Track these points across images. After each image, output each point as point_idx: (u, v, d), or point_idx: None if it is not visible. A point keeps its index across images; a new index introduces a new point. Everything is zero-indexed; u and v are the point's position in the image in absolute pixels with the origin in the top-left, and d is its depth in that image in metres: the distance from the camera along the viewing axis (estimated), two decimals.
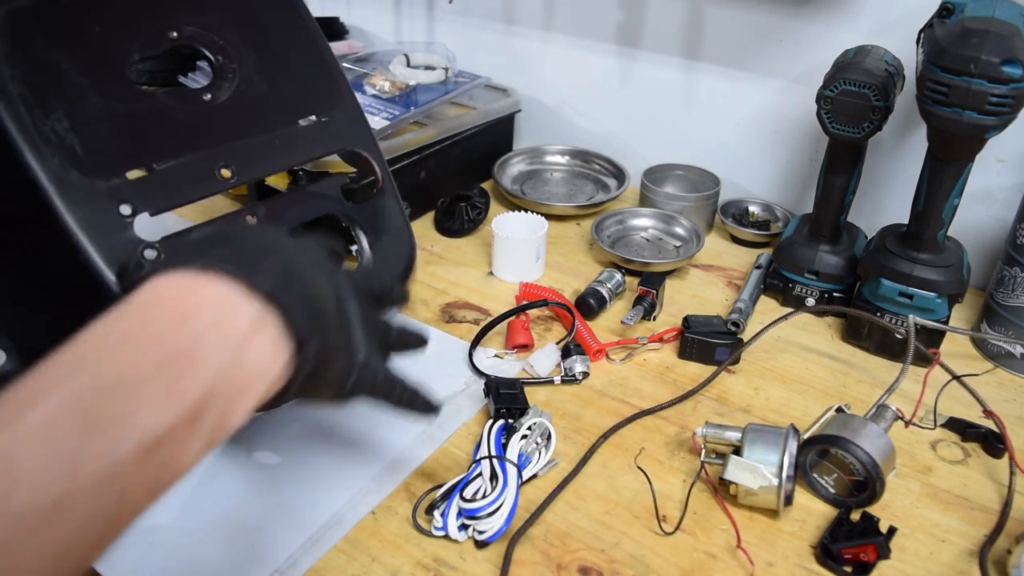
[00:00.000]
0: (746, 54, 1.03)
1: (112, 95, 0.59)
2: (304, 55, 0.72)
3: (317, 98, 0.70)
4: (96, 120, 0.58)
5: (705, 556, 0.60)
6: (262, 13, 0.70)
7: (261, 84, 0.68)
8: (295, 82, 0.70)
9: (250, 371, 0.35)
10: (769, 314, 0.88)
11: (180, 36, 0.64)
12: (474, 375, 0.79)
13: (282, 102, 0.69)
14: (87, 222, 0.54)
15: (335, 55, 0.75)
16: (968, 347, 0.87)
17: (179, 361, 0.33)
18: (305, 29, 0.73)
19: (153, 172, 0.59)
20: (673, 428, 0.73)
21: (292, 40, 0.71)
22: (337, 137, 0.70)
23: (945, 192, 0.76)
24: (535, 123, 1.27)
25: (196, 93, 0.64)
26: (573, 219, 1.10)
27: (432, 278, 0.96)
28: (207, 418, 0.33)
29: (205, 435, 0.34)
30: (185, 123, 0.62)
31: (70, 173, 0.54)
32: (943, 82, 0.68)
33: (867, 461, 0.62)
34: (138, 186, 0.58)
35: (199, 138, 0.62)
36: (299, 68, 0.71)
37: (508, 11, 1.21)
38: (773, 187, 1.10)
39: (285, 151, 0.67)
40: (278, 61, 0.70)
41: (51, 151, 0.54)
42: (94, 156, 0.56)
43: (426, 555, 0.60)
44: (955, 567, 0.60)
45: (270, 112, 0.68)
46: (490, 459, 0.64)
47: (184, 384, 0.33)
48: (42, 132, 0.54)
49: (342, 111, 0.72)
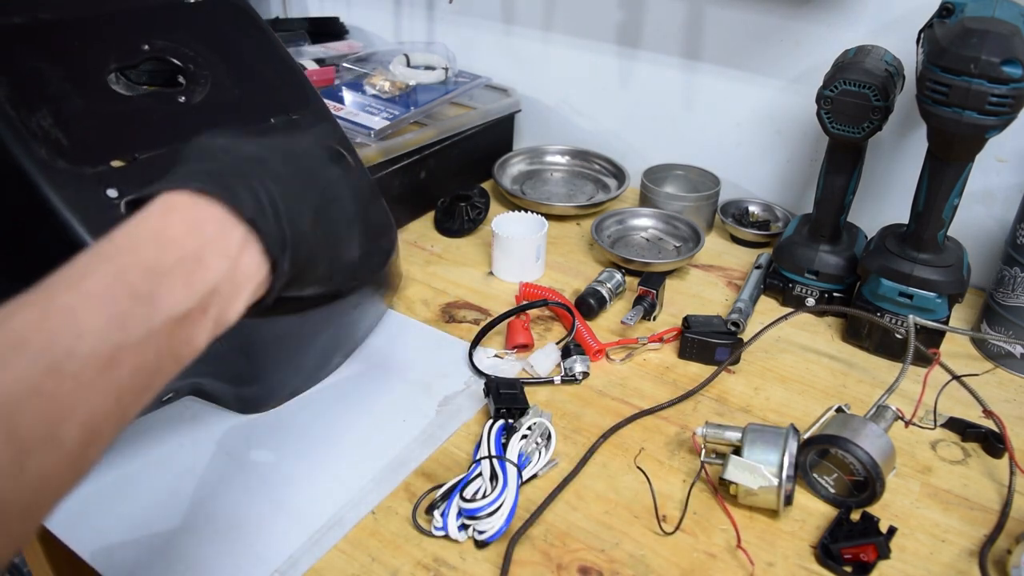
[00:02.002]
0: (746, 54, 1.03)
1: (92, 98, 0.64)
2: (270, 64, 0.79)
3: (286, 99, 0.77)
4: (79, 118, 0.62)
5: (705, 556, 0.60)
6: (227, 30, 0.77)
7: (232, 88, 0.74)
8: (264, 86, 0.77)
9: (242, 276, 0.43)
10: (769, 314, 0.88)
11: (152, 49, 0.70)
12: (474, 375, 0.79)
13: (253, 103, 0.75)
14: (75, 203, 0.57)
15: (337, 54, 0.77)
16: (968, 347, 0.87)
17: (191, 261, 0.40)
18: (268, 43, 0.80)
19: (136, 160, 0.63)
20: (673, 428, 0.73)
21: (257, 52, 0.79)
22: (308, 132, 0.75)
23: (945, 192, 0.76)
24: (535, 123, 1.27)
25: (172, 96, 0.70)
26: (573, 219, 1.10)
27: (432, 278, 0.96)
28: (212, 310, 0.41)
29: (211, 323, 0.41)
30: (164, 121, 0.68)
31: (56, 161, 0.58)
32: (943, 82, 0.68)
33: (867, 461, 0.62)
34: (123, 173, 0.62)
35: (178, 133, 0.67)
36: (267, 75, 0.78)
37: (508, 11, 1.21)
38: (773, 187, 1.10)
39: None
40: (246, 69, 0.76)
41: (37, 143, 0.58)
42: (79, 148, 0.60)
43: (426, 555, 0.60)
44: (955, 567, 0.60)
45: (243, 111, 0.74)
46: (490, 459, 0.64)
47: (196, 279, 0.40)
48: (28, 126, 0.58)
49: (310, 110, 0.78)
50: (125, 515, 0.62)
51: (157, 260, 0.39)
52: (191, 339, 0.40)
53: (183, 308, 0.39)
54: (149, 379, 0.38)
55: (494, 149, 1.20)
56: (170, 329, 0.38)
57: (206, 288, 0.40)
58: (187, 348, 0.40)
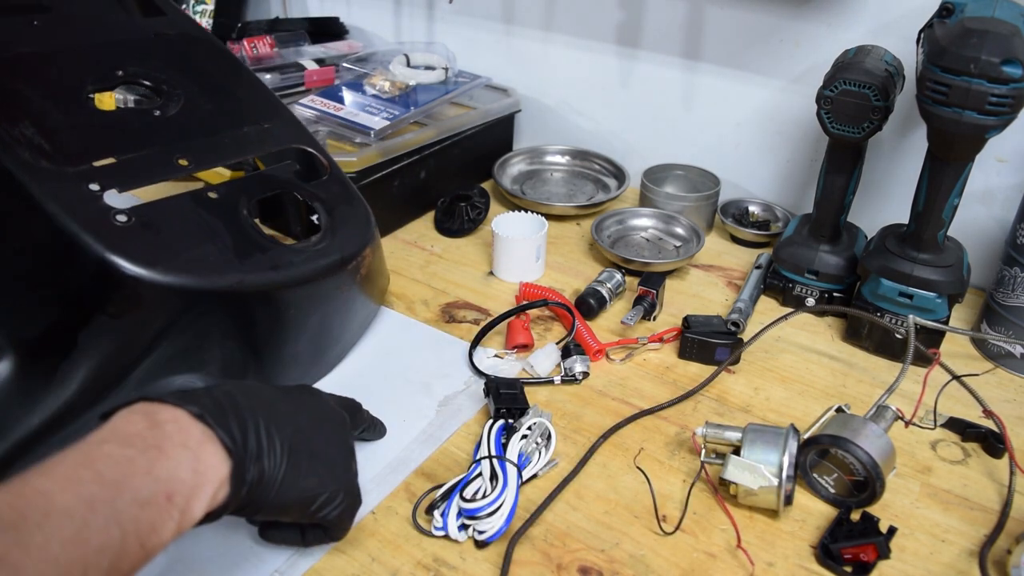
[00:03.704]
0: (746, 54, 1.03)
1: (71, 112, 0.69)
2: (239, 82, 0.85)
3: (256, 111, 0.82)
4: (60, 129, 0.66)
5: (705, 556, 0.60)
6: (196, 57, 0.84)
7: (205, 104, 0.79)
8: (234, 100, 0.82)
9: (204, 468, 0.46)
10: (769, 314, 0.88)
11: (126, 73, 0.76)
12: (474, 375, 0.79)
13: (226, 115, 0.79)
14: (57, 195, 0.60)
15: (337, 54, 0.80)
16: (968, 347, 0.87)
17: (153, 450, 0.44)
18: (236, 66, 0.86)
19: (117, 162, 0.66)
20: (673, 428, 0.73)
21: (226, 74, 0.85)
22: (280, 139, 0.80)
23: (945, 192, 0.76)
24: (535, 123, 1.27)
25: (147, 111, 0.74)
26: (573, 219, 1.10)
27: (432, 278, 0.96)
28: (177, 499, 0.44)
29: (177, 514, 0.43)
30: (141, 130, 0.72)
31: (40, 162, 0.62)
32: (943, 82, 0.68)
33: (867, 461, 0.62)
34: (104, 171, 0.65)
35: (155, 139, 0.72)
36: (236, 92, 0.83)
37: (508, 11, 1.21)
38: (773, 187, 1.10)
39: (235, 147, 0.77)
40: (217, 87, 0.82)
41: (21, 148, 0.61)
42: (60, 152, 0.64)
43: (426, 555, 0.60)
44: (955, 567, 0.60)
45: (216, 122, 0.78)
46: (490, 459, 0.64)
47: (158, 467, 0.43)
48: (11, 134, 0.62)
49: (280, 120, 0.82)
50: None
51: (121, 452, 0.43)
52: (157, 527, 0.42)
53: (147, 493, 0.42)
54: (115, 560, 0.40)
55: (494, 149, 1.20)
56: (135, 514, 0.41)
57: (168, 475, 0.43)
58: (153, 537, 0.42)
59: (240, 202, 0.71)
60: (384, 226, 1.05)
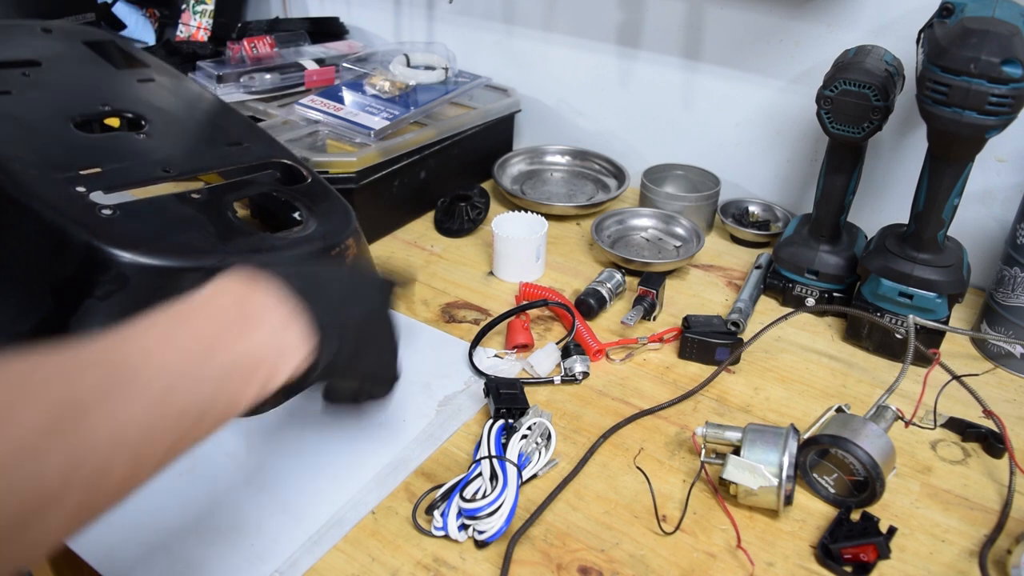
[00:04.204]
0: (746, 54, 1.03)
1: (57, 139, 0.73)
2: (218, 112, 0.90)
3: (234, 133, 0.86)
4: (45, 149, 0.70)
5: (705, 556, 0.60)
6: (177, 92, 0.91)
7: (187, 128, 0.84)
8: (212, 126, 0.88)
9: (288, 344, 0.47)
10: (769, 314, 0.88)
11: (111, 108, 0.81)
12: (474, 375, 0.79)
13: (207, 137, 0.85)
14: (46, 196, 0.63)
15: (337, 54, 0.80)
16: (968, 347, 0.87)
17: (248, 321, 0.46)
18: (208, 100, 0.92)
19: (103, 170, 0.70)
20: (673, 428, 0.73)
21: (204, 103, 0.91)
22: (259, 154, 0.84)
23: (945, 192, 0.76)
24: (535, 123, 1.27)
25: (129, 135, 0.79)
26: (573, 219, 1.10)
27: (432, 278, 0.96)
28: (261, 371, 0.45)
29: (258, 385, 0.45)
30: (126, 148, 0.76)
31: (28, 171, 0.64)
32: (943, 82, 0.68)
33: (867, 461, 0.62)
34: (90, 177, 0.68)
35: (140, 155, 0.75)
36: (214, 119, 0.89)
37: (508, 11, 1.21)
38: (773, 187, 1.10)
39: (217, 159, 0.81)
40: (197, 116, 0.88)
41: (8, 161, 0.64)
42: (48, 164, 0.67)
43: (426, 555, 0.60)
44: (955, 567, 0.60)
45: (198, 139, 0.84)
46: (490, 459, 0.64)
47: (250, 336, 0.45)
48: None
49: (257, 138, 0.86)
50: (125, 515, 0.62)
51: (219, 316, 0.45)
52: (239, 394, 0.44)
53: (236, 360, 0.44)
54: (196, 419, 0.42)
55: (494, 149, 1.20)
56: (223, 379, 0.43)
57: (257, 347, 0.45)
58: (234, 403, 0.44)
59: (223, 201, 0.74)
60: (384, 226, 1.05)
